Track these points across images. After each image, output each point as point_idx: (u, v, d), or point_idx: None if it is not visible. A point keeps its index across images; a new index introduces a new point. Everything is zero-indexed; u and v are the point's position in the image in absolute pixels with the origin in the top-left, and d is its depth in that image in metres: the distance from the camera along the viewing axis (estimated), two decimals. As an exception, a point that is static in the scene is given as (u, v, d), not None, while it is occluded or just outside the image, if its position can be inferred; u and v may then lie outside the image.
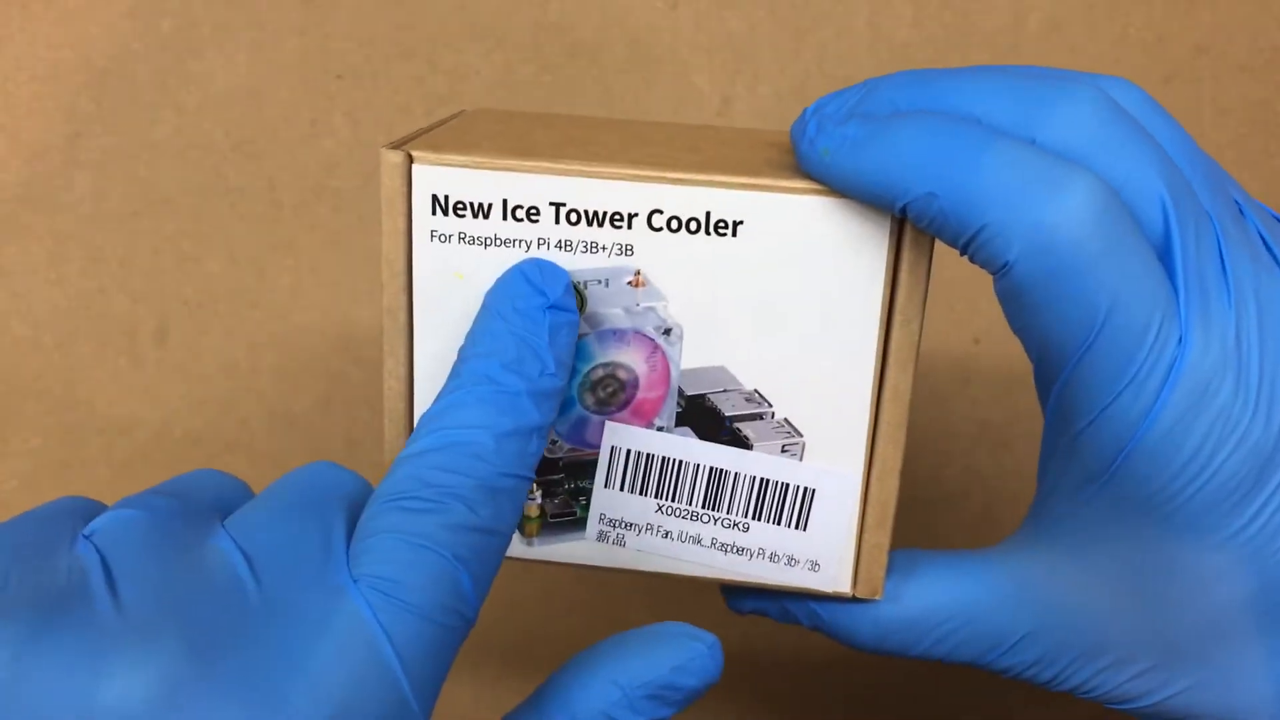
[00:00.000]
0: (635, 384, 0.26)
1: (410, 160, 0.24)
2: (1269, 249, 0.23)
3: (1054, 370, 0.23)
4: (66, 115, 0.40)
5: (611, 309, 0.25)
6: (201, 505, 0.22)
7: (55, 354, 0.42)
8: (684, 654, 0.23)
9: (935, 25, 0.40)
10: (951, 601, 0.27)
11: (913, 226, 0.23)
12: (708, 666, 0.23)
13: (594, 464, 0.26)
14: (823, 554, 0.26)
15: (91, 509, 0.22)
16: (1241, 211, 0.24)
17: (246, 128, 0.40)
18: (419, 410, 0.26)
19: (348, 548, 0.21)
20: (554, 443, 0.26)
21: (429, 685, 0.20)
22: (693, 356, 0.25)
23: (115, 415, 0.42)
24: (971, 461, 0.43)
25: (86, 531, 0.20)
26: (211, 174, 0.40)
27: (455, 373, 0.23)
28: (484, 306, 0.24)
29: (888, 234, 0.24)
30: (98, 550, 0.20)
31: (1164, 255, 0.22)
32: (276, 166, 0.40)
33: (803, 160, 0.24)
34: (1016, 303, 0.22)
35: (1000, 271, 0.22)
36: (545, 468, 0.26)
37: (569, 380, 0.24)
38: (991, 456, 0.42)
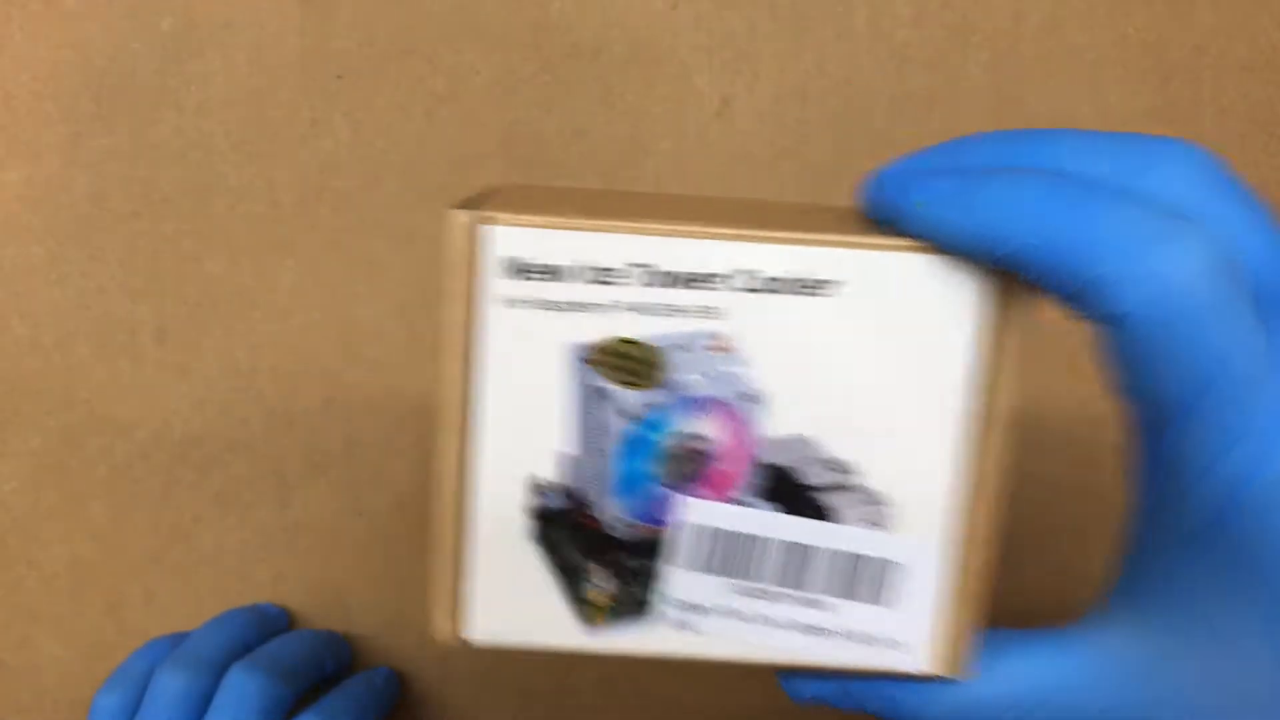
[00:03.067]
0: (712, 455, 0.24)
1: (480, 220, 0.22)
2: None
3: (1162, 423, 0.22)
4: (66, 115, 0.40)
5: (691, 375, 0.23)
6: None
7: (55, 354, 0.42)
8: None
9: (935, 25, 0.40)
10: (1029, 682, 0.25)
11: (1011, 284, 0.22)
12: None
13: (664, 543, 0.24)
14: (907, 631, 0.25)
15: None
16: None
17: (246, 128, 0.40)
18: (477, 490, 0.24)
19: None
20: (622, 522, 0.24)
21: None
22: (775, 424, 0.24)
23: (115, 415, 0.42)
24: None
25: None
26: (211, 174, 0.40)
27: None
28: None
29: (984, 292, 0.23)
30: None
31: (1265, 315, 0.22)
32: (276, 166, 0.40)
33: (894, 212, 0.23)
34: (1128, 353, 0.22)
35: (1112, 323, 0.21)
36: (613, 549, 0.24)
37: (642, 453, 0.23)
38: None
